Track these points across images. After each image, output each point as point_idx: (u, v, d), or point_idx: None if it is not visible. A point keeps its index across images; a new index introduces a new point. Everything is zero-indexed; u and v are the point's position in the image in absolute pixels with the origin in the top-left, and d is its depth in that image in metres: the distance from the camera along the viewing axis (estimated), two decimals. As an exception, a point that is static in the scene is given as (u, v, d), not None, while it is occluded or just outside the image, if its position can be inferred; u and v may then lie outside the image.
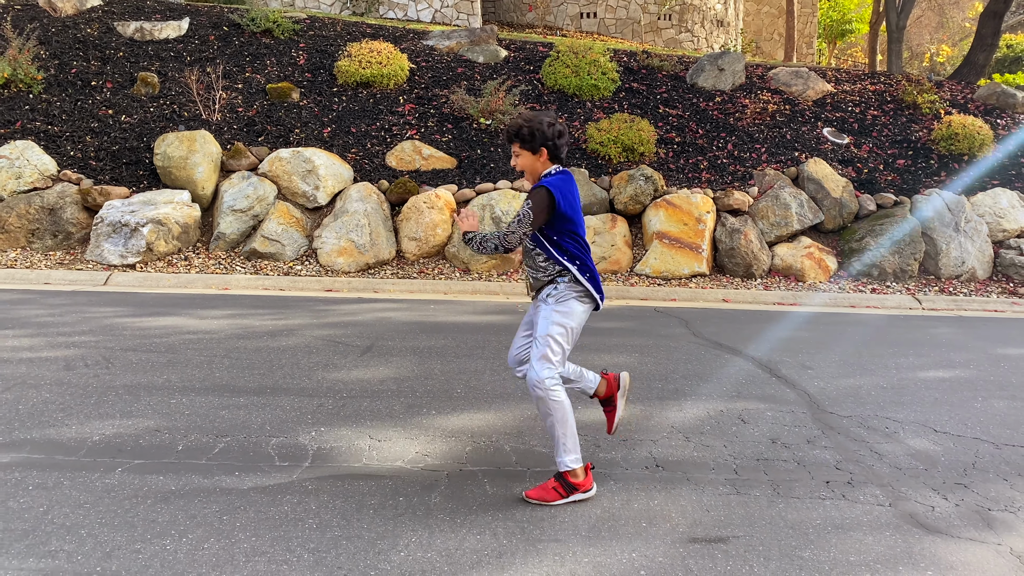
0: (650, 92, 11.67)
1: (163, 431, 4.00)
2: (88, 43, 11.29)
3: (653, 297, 8.42)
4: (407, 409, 4.48)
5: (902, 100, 11.88)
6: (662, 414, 4.56)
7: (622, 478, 3.65)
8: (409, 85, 11.31)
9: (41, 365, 5.02)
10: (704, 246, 9.14)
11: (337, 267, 8.72)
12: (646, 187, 9.44)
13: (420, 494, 3.40)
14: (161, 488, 3.35)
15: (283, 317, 6.69)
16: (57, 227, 8.81)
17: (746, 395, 4.99)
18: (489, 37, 12.81)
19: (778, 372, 5.54)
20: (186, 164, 9.15)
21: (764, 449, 4.09)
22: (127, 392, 4.57)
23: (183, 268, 8.48)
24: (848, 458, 4.03)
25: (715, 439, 4.20)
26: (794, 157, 10.47)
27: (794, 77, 12.16)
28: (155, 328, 6.09)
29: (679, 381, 5.22)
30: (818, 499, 3.53)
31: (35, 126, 9.80)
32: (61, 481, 3.38)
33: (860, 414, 4.72)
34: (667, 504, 3.41)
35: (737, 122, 11.08)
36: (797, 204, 9.65)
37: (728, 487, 3.61)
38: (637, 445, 4.07)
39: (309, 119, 10.41)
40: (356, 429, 4.15)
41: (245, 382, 4.84)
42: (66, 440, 3.84)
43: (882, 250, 9.40)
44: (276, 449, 3.84)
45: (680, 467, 3.81)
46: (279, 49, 11.77)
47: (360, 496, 3.35)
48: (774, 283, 9.11)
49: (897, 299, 8.78)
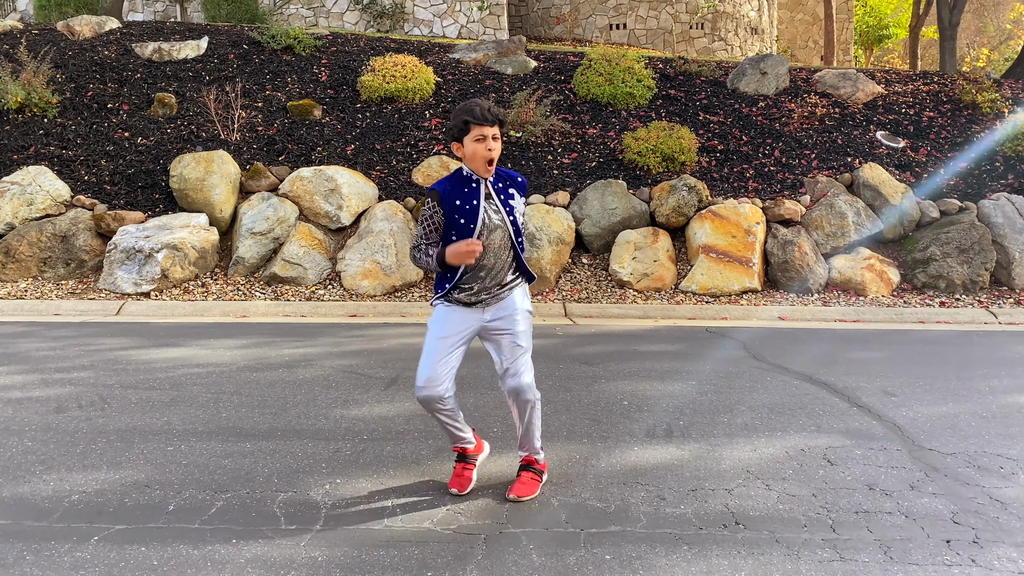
0: (688, 99, 11.05)
1: (154, 486, 3.44)
2: (105, 65, 10.96)
3: (702, 316, 7.75)
4: (436, 454, 3.88)
5: (960, 100, 11.12)
6: (733, 455, 3.91)
7: (696, 541, 3.01)
8: (435, 99, 10.81)
9: (29, 407, 4.50)
10: (755, 260, 8.46)
11: (362, 291, 8.18)
12: (689, 198, 8.80)
13: (452, 566, 2.79)
14: (141, 563, 2.78)
15: (302, 346, 6.14)
16: (70, 255, 8.38)
17: (827, 429, 4.31)
18: (517, 48, 12.30)
19: (858, 400, 4.85)
20: (203, 186, 8.70)
21: (861, 498, 3.42)
22: (119, 438, 4.03)
23: (200, 295, 8.00)
24: (965, 508, 3.34)
25: (801, 486, 3.54)
26: (847, 163, 9.76)
27: (841, 79, 11.46)
28: (161, 361, 5.57)
29: (746, 414, 4.56)
30: (943, 565, 2.85)
31: (49, 151, 9.43)
32: (24, 555, 2.82)
33: (965, 450, 4.03)
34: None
35: (783, 127, 10.41)
36: (853, 212, 8.94)
37: (828, 550, 2.94)
38: (709, 496, 3.42)
39: (332, 136, 9.94)
40: (377, 480, 3.55)
41: (254, 423, 4.28)
42: (40, 500, 3.29)
43: (949, 260, 8.64)
44: (283, 507, 3.25)
45: (765, 524, 3.16)
46: (300, 66, 11.35)
47: (380, 572, 2.75)
48: (832, 298, 8.40)
49: (970, 313, 8.01)
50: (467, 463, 3.47)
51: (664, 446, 4.02)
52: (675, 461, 3.82)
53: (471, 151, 3.13)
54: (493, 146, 3.13)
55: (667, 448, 3.99)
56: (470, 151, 3.14)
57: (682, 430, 4.26)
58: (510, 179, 3.30)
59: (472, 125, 3.10)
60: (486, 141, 3.12)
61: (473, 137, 3.11)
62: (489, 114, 3.11)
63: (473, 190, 3.20)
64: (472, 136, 3.12)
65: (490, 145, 3.13)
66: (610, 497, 3.39)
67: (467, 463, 3.47)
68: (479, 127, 3.10)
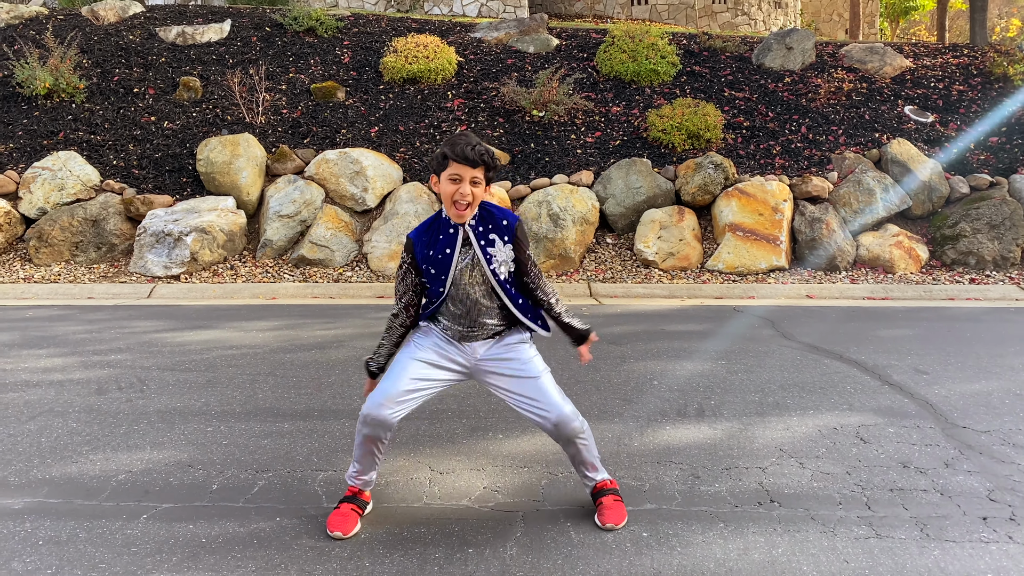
0: (713, 75, 10.95)
1: (197, 466, 3.52)
2: (130, 50, 11.04)
3: (729, 295, 7.74)
4: (471, 432, 3.93)
5: (990, 73, 10.93)
6: (766, 434, 3.92)
7: (733, 518, 3.04)
8: (457, 79, 10.79)
9: (71, 389, 4.60)
10: (782, 238, 8.41)
11: (388, 272, 8.24)
12: (715, 176, 8.75)
13: (492, 543, 2.84)
14: (189, 540, 2.85)
15: (332, 327, 6.21)
16: (100, 239, 8.50)
17: (859, 407, 4.31)
18: (539, 26, 12.23)
19: (889, 378, 4.84)
20: (230, 169, 8.77)
21: (896, 476, 3.43)
22: (160, 419, 4.11)
23: (229, 278, 8.09)
24: (1000, 486, 3.34)
25: (835, 464, 3.55)
26: (874, 139, 9.65)
27: (869, 53, 11.30)
28: (196, 343, 5.66)
29: (778, 393, 4.56)
30: (980, 542, 2.87)
31: (78, 136, 9.54)
32: (76, 533, 2.91)
33: (1000, 428, 4.02)
34: (794, 553, 2.78)
35: (810, 103, 10.30)
36: (882, 189, 8.85)
37: (864, 528, 2.96)
38: (743, 474, 3.44)
39: (355, 118, 9.96)
40: (414, 459, 3.61)
41: (291, 404, 4.35)
42: (88, 480, 3.38)
43: (979, 236, 8.55)
44: (323, 486, 3.32)
45: (800, 502, 3.18)
46: (323, 48, 11.37)
47: (422, 548, 2.81)
48: (860, 276, 8.34)
49: (1001, 289, 7.93)
50: (356, 506, 3.00)
51: (696, 425, 4.04)
52: (708, 440, 3.84)
53: (445, 190, 2.75)
54: (466, 191, 2.72)
55: (699, 427, 4.02)
56: (444, 190, 2.75)
57: (713, 409, 4.28)
58: (492, 221, 2.86)
59: (450, 161, 2.72)
60: (461, 184, 2.72)
61: (449, 175, 2.73)
62: (472, 153, 2.69)
63: (449, 236, 2.84)
64: (448, 173, 2.73)
65: (464, 189, 2.71)
66: (644, 476, 3.42)
67: (356, 506, 3.00)
68: (457, 165, 2.71)
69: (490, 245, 2.84)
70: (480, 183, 2.75)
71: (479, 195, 2.77)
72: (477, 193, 2.75)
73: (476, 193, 2.75)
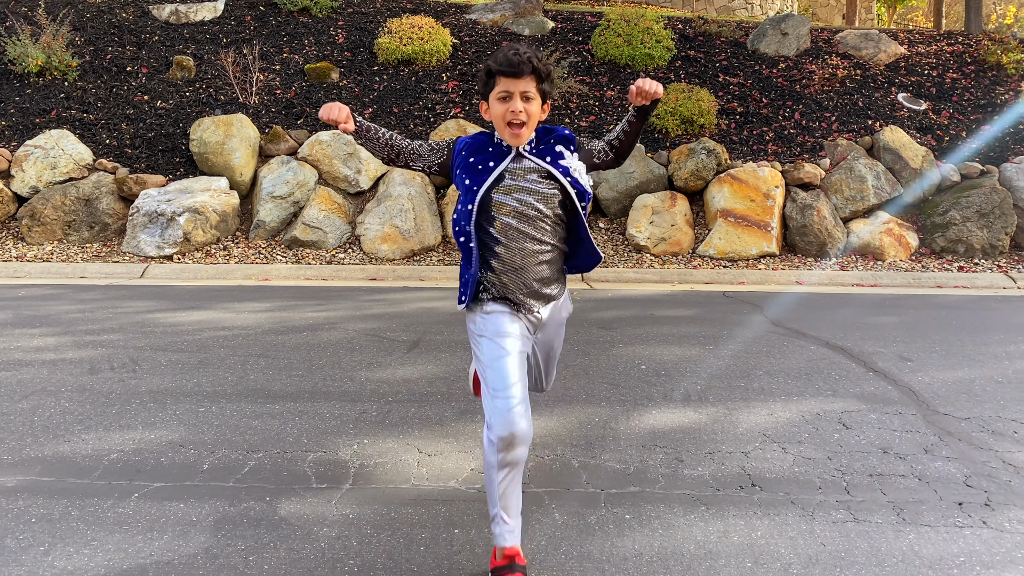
0: (708, 60, 10.94)
1: (188, 446, 3.57)
2: (123, 28, 10.98)
3: (719, 280, 7.79)
4: (459, 416, 3.98)
5: (984, 61, 10.95)
6: (750, 419, 3.99)
7: (714, 502, 3.10)
8: (452, 61, 10.77)
9: (64, 368, 4.64)
10: (773, 224, 8.46)
11: (381, 254, 8.26)
12: (708, 161, 8.78)
13: (478, 525, 2.90)
14: (180, 519, 2.90)
15: (324, 309, 6.24)
16: (93, 218, 8.50)
17: (843, 393, 4.38)
18: (535, 8, 12.19)
19: (874, 365, 4.90)
20: (223, 149, 8.76)
21: (876, 462, 3.50)
22: (152, 399, 4.15)
23: (222, 258, 8.11)
24: (977, 472, 3.41)
25: (816, 449, 3.62)
26: (867, 126, 9.68)
27: (863, 40, 11.30)
28: (188, 324, 5.70)
29: (763, 378, 4.63)
30: (954, 527, 2.93)
31: (70, 114, 9.51)
32: (69, 511, 2.95)
33: (980, 415, 4.09)
34: (773, 536, 2.85)
35: (804, 89, 10.31)
36: (873, 176, 8.90)
37: (843, 511, 3.03)
38: (726, 459, 3.51)
39: (349, 100, 9.94)
40: (403, 441, 3.66)
41: (281, 385, 4.40)
42: (81, 458, 3.42)
43: (969, 224, 8.61)
44: (313, 467, 3.37)
45: (781, 486, 3.24)
46: (317, 28, 11.32)
47: (408, 528, 2.86)
48: (851, 263, 8.40)
49: (988, 278, 8.01)
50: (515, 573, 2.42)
51: (682, 410, 4.10)
52: (692, 424, 3.90)
53: (494, 112, 2.41)
54: (518, 108, 2.36)
55: (685, 412, 4.08)
56: (494, 111, 2.41)
57: (699, 394, 4.34)
58: (552, 136, 2.51)
59: (495, 76, 2.39)
60: (511, 101, 2.37)
61: (497, 94, 2.39)
62: (517, 59, 2.34)
63: (501, 151, 2.48)
64: (496, 92, 2.39)
65: (515, 106, 2.36)
66: (629, 459, 3.48)
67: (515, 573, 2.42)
68: (504, 80, 2.37)
69: (560, 157, 2.47)
70: (534, 98, 2.39)
71: (535, 112, 2.41)
72: (532, 110, 2.39)
73: (531, 110, 2.39)
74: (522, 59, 2.34)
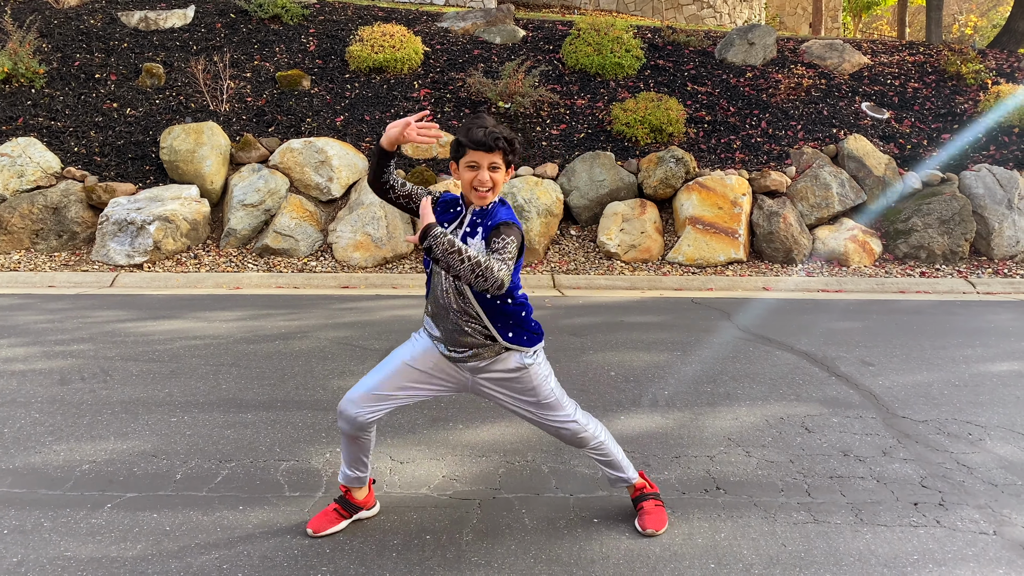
0: (677, 69, 11.11)
1: (160, 456, 3.58)
2: (91, 34, 10.89)
3: (688, 287, 7.92)
4: (431, 423, 4.03)
5: (944, 71, 11.23)
6: (715, 424, 4.08)
7: (680, 505, 3.19)
8: (424, 69, 10.82)
9: (34, 379, 4.62)
10: (741, 231, 8.62)
11: (353, 262, 8.29)
12: (677, 169, 8.92)
13: (449, 531, 2.95)
14: (154, 528, 2.93)
15: (296, 318, 6.26)
16: (62, 227, 8.43)
17: (806, 398, 4.50)
18: (506, 17, 12.29)
19: (836, 370, 5.04)
20: (193, 158, 8.74)
21: (836, 464, 3.61)
22: (124, 410, 4.16)
23: (192, 267, 8.09)
24: (933, 473, 3.54)
25: (779, 453, 3.72)
26: (832, 134, 9.89)
27: (828, 50, 11.54)
28: (159, 333, 5.69)
29: (729, 383, 4.73)
30: (909, 526, 3.04)
31: (38, 122, 9.42)
32: (41, 522, 2.96)
33: (937, 418, 4.22)
34: (736, 538, 2.94)
35: (770, 98, 10.51)
36: (838, 184, 9.09)
37: (803, 513, 3.13)
38: (692, 462, 3.60)
39: (321, 107, 9.96)
40: (375, 448, 3.70)
41: (254, 395, 4.42)
42: (52, 470, 3.43)
43: (930, 231, 8.83)
44: (286, 476, 3.41)
45: (744, 489, 3.34)
46: (288, 35, 11.32)
47: (381, 535, 2.91)
48: (816, 269, 8.58)
49: (949, 283, 8.22)
50: (341, 507, 2.96)
51: (649, 415, 4.19)
52: (660, 429, 3.99)
53: (463, 177, 2.60)
54: (485, 178, 2.56)
55: (652, 417, 4.16)
56: (463, 177, 2.61)
57: (667, 399, 4.44)
58: (491, 217, 2.64)
59: (465, 148, 2.58)
60: (479, 171, 2.57)
61: (466, 162, 2.59)
62: (486, 137, 2.54)
63: (457, 213, 2.72)
64: (465, 160, 2.59)
65: (482, 176, 2.56)
66: (597, 464, 3.55)
67: (341, 507, 2.96)
68: (473, 152, 2.56)
69: (471, 235, 2.65)
70: (500, 168, 2.60)
71: (500, 180, 2.61)
72: (497, 179, 2.60)
73: (496, 179, 2.60)
74: (492, 137, 2.56)
